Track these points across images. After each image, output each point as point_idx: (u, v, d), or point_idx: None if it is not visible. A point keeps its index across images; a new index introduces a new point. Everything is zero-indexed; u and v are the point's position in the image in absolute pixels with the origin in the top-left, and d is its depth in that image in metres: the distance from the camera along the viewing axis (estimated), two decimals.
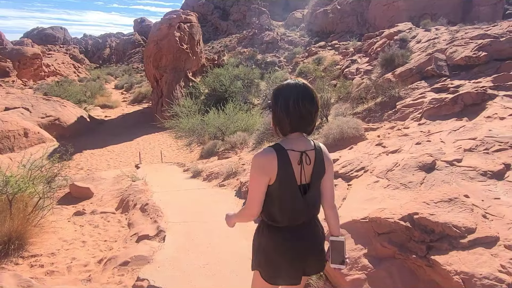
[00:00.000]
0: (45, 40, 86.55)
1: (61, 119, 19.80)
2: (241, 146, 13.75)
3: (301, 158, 1.73)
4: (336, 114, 10.13)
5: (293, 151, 1.72)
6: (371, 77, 15.54)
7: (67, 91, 28.11)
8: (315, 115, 1.76)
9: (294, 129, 1.75)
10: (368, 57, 24.82)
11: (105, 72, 59.41)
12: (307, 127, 1.77)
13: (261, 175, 1.71)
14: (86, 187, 8.19)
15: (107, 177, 10.41)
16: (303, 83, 1.75)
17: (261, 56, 37.63)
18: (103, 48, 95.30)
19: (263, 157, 1.71)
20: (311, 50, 36.02)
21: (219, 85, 24.53)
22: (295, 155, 1.72)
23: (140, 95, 35.56)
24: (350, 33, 40.57)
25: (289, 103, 1.69)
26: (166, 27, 25.60)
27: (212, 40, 64.90)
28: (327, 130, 7.71)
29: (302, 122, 1.73)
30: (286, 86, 1.76)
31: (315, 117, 1.77)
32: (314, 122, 1.78)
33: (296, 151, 1.73)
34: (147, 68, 27.72)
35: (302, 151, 1.74)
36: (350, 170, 4.65)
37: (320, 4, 52.98)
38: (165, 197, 6.73)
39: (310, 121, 1.75)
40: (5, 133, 15.14)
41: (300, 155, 1.73)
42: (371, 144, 6.00)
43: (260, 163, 1.71)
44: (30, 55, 42.35)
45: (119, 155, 17.72)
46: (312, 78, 26.87)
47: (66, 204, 7.91)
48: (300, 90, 1.71)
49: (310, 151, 1.78)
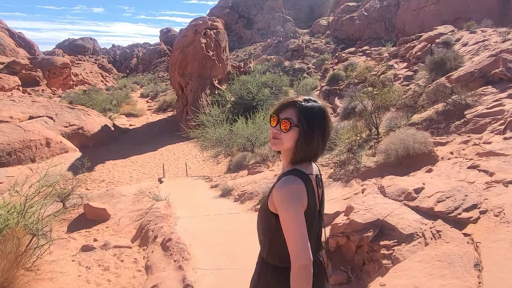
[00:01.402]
0: (76, 50, 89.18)
1: (84, 128, 19.23)
2: (273, 159, 12.49)
3: (317, 182, 1.56)
4: (388, 125, 8.68)
5: (312, 175, 1.53)
6: (419, 83, 14.00)
7: (92, 99, 27.85)
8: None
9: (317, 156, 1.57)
10: (407, 62, 23.15)
11: (131, 81, 60.02)
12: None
13: (299, 206, 1.41)
14: (102, 208, 7.13)
15: (127, 194, 9.39)
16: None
17: (289, 63, 36.43)
18: (130, 58, 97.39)
19: (296, 184, 1.44)
20: (341, 56, 34.50)
21: (246, 93, 23.46)
22: (313, 179, 1.53)
23: (165, 103, 35.12)
24: (377, 40, 39.39)
25: (327, 130, 1.51)
26: (192, 34, 24.89)
27: (236, 49, 64.64)
28: (387, 145, 6.31)
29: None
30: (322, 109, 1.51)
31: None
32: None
33: (313, 175, 1.54)
34: (172, 76, 27.08)
35: (316, 174, 1.57)
36: (454, 209, 3.27)
37: (346, 11, 51.85)
38: (191, 226, 5.54)
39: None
40: (26, 142, 14.56)
41: (316, 178, 1.56)
42: (458, 165, 4.58)
43: (296, 191, 1.43)
44: (59, 64, 43.05)
45: (142, 166, 16.84)
46: (345, 84, 25.39)
47: (79, 227, 6.87)
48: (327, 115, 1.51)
49: (319, 174, 1.63)
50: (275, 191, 1.47)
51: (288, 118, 1.46)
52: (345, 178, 6.08)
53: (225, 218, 6.21)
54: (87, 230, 6.62)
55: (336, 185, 5.87)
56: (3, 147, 13.65)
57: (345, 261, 3.66)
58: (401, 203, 3.84)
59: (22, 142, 14.37)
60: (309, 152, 1.49)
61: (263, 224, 1.59)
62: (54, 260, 4.19)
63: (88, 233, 6.49)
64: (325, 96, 25.16)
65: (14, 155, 13.95)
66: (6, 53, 49.12)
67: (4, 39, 51.80)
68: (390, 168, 6.06)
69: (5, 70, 35.57)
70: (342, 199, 4.90)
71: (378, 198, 4.06)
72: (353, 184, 5.66)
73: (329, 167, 7.43)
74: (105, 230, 6.57)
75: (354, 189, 5.35)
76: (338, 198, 5.03)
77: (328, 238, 3.88)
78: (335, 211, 4.45)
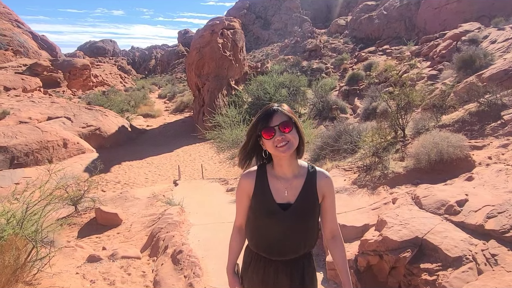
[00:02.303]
0: (96, 52, 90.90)
1: (101, 128, 19.25)
2: None
3: None
4: (415, 127, 8.10)
5: None
6: (446, 82, 13.28)
7: (110, 100, 28.03)
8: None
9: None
10: (431, 61, 22.25)
11: (150, 82, 60.57)
12: None
13: None
14: (113, 213, 6.86)
15: (141, 197, 9.13)
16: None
17: (307, 63, 35.82)
18: (149, 60, 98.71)
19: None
20: (361, 55, 33.65)
21: (263, 93, 23.05)
22: None
23: (182, 104, 35.11)
24: (397, 39, 38.57)
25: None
26: (209, 34, 24.68)
27: (253, 50, 64.43)
28: (417, 149, 5.78)
29: None
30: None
31: None
32: None
33: None
34: (189, 76, 26.96)
35: None
36: (511, 227, 2.76)
37: (365, 10, 50.88)
38: (204, 235, 5.17)
39: None
40: (44, 143, 14.60)
41: None
42: (504, 173, 4.04)
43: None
44: (79, 66, 43.77)
45: (158, 168, 16.67)
46: (365, 84, 24.63)
47: (90, 233, 6.62)
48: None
49: None
50: (328, 181, 1.72)
51: (282, 121, 1.62)
52: (371, 184, 5.59)
53: None
54: (97, 236, 6.36)
55: (361, 193, 5.39)
56: (21, 148, 13.71)
57: (377, 283, 3.20)
58: (441, 217, 3.35)
59: (40, 143, 14.40)
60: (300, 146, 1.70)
61: (313, 218, 1.71)
62: (56, 273, 3.89)
63: (99, 239, 6.22)
64: (344, 96, 24.49)
65: (32, 155, 13.99)
66: (29, 55, 50.35)
67: (27, 41, 53.16)
68: (421, 174, 5.54)
69: (27, 72, 36.33)
70: (370, 209, 4.42)
71: (414, 210, 3.57)
72: (381, 192, 5.17)
73: (352, 171, 6.94)
74: (115, 236, 6.29)
75: (382, 197, 4.86)
76: (366, 208, 4.56)
77: (357, 255, 3.43)
78: (363, 224, 3.98)
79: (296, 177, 1.69)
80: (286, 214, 1.64)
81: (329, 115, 21.74)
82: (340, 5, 66.48)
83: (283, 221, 1.64)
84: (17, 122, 16.06)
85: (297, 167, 1.72)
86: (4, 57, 43.11)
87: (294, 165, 1.71)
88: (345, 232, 4.01)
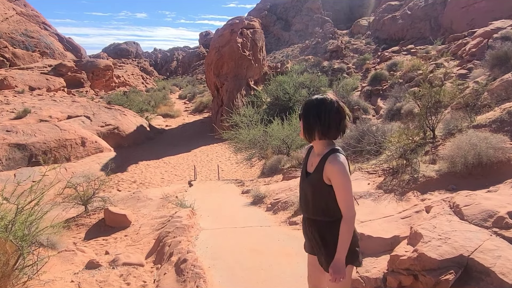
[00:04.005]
0: (120, 54, 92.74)
1: (120, 128, 19.27)
2: None
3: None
4: (446, 128, 7.42)
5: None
6: (478, 81, 12.42)
7: (130, 100, 28.23)
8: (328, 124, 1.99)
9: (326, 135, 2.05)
10: (459, 60, 21.16)
11: (171, 83, 61.16)
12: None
13: (348, 174, 1.97)
14: (122, 214, 6.56)
15: (154, 197, 8.84)
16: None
17: (328, 63, 35.04)
18: (171, 61, 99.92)
19: (346, 161, 1.99)
20: (384, 55, 32.63)
21: (283, 94, 22.57)
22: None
23: (201, 104, 35.10)
24: (421, 40, 37.50)
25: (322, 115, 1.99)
26: (228, 33, 24.42)
27: (274, 51, 64.06)
28: (451, 151, 5.17)
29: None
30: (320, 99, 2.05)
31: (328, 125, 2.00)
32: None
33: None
34: (207, 76, 26.80)
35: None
36: None
37: (388, 10, 49.65)
38: (214, 241, 4.75)
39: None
40: (62, 142, 14.64)
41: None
42: None
43: (347, 166, 1.98)
44: (102, 66, 44.56)
45: (175, 168, 16.47)
46: (388, 85, 23.71)
47: (97, 234, 6.34)
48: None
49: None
50: (329, 167, 1.97)
51: (298, 115, 2.14)
52: (399, 189, 5.02)
53: (254, 232, 5.36)
54: (104, 238, 6.06)
55: (388, 198, 4.83)
56: (39, 146, 13.77)
57: None
58: (489, 231, 2.79)
59: (58, 141, 14.45)
60: (309, 132, 2.04)
61: (320, 191, 2.04)
62: (50, 280, 3.55)
63: (105, 242, 5.92)
64: (366, 97, 23.67)
65: (50, 153, 14.03)
66: (55, 56, 51.73)
67: (53, 43, 54.66)
68: (456, 179, 4.93)
69: (52, 72, 37.21)
70: (400, 218, 3.88)
71: (454, 222, 3.03)
72: (411, 198, 4.60)
73: (377, 174, 6.37)
74: (123, 239, 5.97)
75: (413, 204, 4.30)
76: (394, 217, 4.01)
77: (386, 274, 2.92)
78: (392, 235, 3.44)
79: (319, 155, 2.04)
80: (305, 180, 2.13)
81: None
82: (373, 5, 64.60)
83: (303, 185, 2.16)
84: (37, 121, 16.21)
85: (322, 148, 2.05)
86: (31, 58, 44.34)
87: (319, 146, 2.06)
88: (370, 244, 3.49)
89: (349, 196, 1.93)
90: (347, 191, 1.93)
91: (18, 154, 13.19)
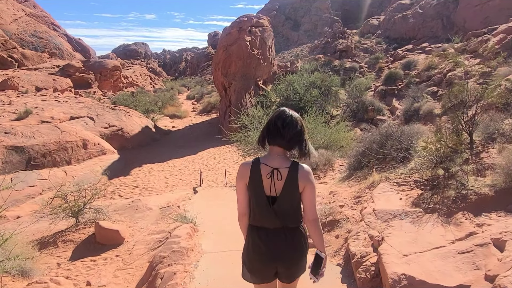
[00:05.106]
0: (129, 55, 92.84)
1: (124, 129, 18.58)
2: (324, 169, 10.60)
3: (271, 173, 2.01)
4: (485, 131, 6.45)
5: (266, 166, 2.03)
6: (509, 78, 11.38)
7: (136, 100, 27.61)
8: (293, 135, 2.03)
9: (273, 142, 2.07)
10: (481, 57, 20.00)
11: (179, 84, 60.69)
12: (283, 141, 2.04)
13: (239, 180, 2.08)
14: (114, 230, 5.76)
15: (154, 207, 8.04)
16: (291, 114, 2.06)
17: (339, 62, 34.01)
18: (179, 62, 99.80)
19: (242, 166, 2.11)
20: (398, 54, 31.49)
21: (293, 94, 21.67)
22: (267, 169, 2.02)
23: (209, 105, 34.42)
24: (433, 38, 36.77)
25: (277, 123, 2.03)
26: (236, 31, 23.60)
27: (282, 51, 63.29)
28: (507, 161, 4.23)
29: (278, 135, 2.03)
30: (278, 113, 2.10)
31: (295, 140, 2.04)
32: (289, 143, 2.04)
33: (269, 166, 2.03)
34: (215, 76, 26.02)
35: (275, 168, 2.02)
36: None
37: (399, 9, 48.49)
38: (217, 271, 3.90)
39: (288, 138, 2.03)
40: (62, 144, 13.97)
41: (271, 170, 2.02)
42: None
43: (239, 170, 2.10)
44: (110, 67, 44.20)
45: (180, 171, 15.69)
46: (403, 84, 22.63)
47: (85, 254, 5.54)
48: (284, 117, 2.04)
49: (283, 169, 2.01)
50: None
51: None
52: (443, 209, 4.10)
53: None
54: (92, 259, 5.27)
55: (431, 221, 3.92)
56: (38, 148, 13.12)
57: None
58: None
59: (58, 144, 13.78)
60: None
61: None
62: None
63: (93, 264, 5.12)
64: (381, 96, 22.62)
65: (49, 156, 13.37)
66: (64, 57, 51.59)
67: (62, 44, 54.59)
68: (505, 193, 4.00)
69: (59, 73, 36.89)
70: (457, 253, 2.97)
71: None
72: (462, 222, 3.68)
73: (409, 187, 5.43)
74: (113, 260, 5.17)
75: (467, 231, 3.39)
76: (448, 249, 3.10)
77: None
78: (457, 284, 2.54)
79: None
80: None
81: (364, 117, 20.01)
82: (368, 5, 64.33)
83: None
84: (39, 122, 15.59)
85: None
86: (40, 58, 44.17)
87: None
88: None
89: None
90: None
91: (15, 157, 12.55)
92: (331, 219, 5.21)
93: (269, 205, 2.00)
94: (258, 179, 1.99)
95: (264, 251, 2.01)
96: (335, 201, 6.13)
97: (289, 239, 2.03)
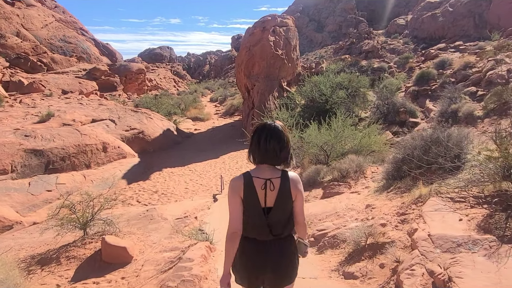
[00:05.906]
0: (154, 58, 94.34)
1: (145, 132, 18.23)
2: (355, 176, 9.66)
3: (265, 184, 2.02)
4: None
5: (259, 178, 2.03)
6: None
7: (158, 103, 27.44)
8: (280, 152, 2.02)
9: (262, 161, 2.05)
10: None
11: (203, 87, 60.83)
12: (273, 160, 2.04)
13: (234, 195, 2.05)
14: (122, 247, 5.12)
15: (170, 217, 7.41)
16: (275, 125, 2.05)
17: (366, 62, 32.67)
18: (203, 65, 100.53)
19: (234, 181, 2.07)
20: (430, 52, 29.87)
21: (318, 95, 20.70)
22: (259, 181, 2.02)
23: (232, 107, 33.93)
24: (464, 37, 34.98)
25: (260, 140, 2.03)
26: (260, 31, 22.90)
27: (306, 52, 62.24)
28: None
29: (268, 156, 2.03)
30: (261, 126, 2.07)
31: (281, 153, 2.03)
32: (280, 157, 2.04)
33: (261, 178, 2.03)
34: (238, 77, 25.41)
35: (267, 179, 2.03)
36: None
37: (427, 8, 46.44)
38: None
39: (275, 156, 2.03)
40: (82, 147, 13.68)
41: (264, 182, 2.02)
42: None
43: (232, 185, 2.07)
44: (135, 70, 44.66)
45: (201, 176, 15.09)
46: (438, 84, 21.18)
47: (87, 274, 4.92)
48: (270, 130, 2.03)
49: (275, 179, 2.04)
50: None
51: None
52: None
53: None
54: (95, 281, 4.63)
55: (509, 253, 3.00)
56: (57, 152, 12.86)
57: None
58: None
59: (77, 147, 13.50)
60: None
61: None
62: None
63: (96, 287, 4.47)
64: (413, 98, 21.23)
65: (68, 160, 13.09)
66: (91, 61, 52.76)
67: (90, 48, 55.90)
68: None
69: (86, 76, 37.48)
70: None
71: None
72: None
73: (467, 203, 4.47)
74: (118, 283, 4.51)
75: None
76: None
77: None
78: None
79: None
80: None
81: (396, 119, 18.78)
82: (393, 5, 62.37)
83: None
84: (60, 124, 15.44)
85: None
86: (69, 62, 45.19)
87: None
88: None
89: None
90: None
91: (34, 160, 12.32)
92: (372, 242, 4.33)
93: (263, 217, 2.01)
94: (253, 192, 2.00)
95: (253, 262, 2.02)
96: (374, 217, 5.24)
97: (283, 249, 2.05)
